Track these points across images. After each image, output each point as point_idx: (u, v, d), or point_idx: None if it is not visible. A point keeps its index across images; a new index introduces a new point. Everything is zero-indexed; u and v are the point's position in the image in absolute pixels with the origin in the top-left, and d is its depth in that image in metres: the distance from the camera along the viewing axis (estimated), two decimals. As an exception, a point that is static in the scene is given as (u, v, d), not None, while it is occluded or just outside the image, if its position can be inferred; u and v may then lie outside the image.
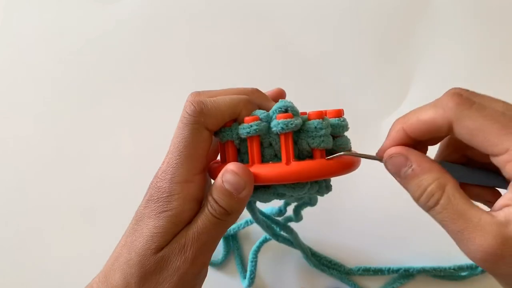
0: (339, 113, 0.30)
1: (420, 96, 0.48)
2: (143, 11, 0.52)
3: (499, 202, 0.23)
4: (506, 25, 0.51)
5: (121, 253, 0.27)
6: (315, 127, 0.28)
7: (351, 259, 0.42)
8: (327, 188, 0.31)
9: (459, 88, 0.25)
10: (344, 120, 0.30)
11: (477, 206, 0.23)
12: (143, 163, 0.47)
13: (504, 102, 0.24)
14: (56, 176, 0.47)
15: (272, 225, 0.39)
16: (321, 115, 0.29)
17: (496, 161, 0.22)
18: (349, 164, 0.29)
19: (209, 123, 0.28)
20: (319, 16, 0.51)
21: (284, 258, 0.43)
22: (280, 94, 0.35)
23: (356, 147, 0.43)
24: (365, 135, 0.40)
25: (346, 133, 0.31)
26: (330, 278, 0.42)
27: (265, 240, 0.41)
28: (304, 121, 0.29)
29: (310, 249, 0.42)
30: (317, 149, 0.28)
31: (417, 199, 0.25)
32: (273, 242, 0.41)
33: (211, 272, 0.42)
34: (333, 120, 0.29)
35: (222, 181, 0.27)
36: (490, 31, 0.50)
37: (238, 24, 0.51)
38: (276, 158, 0.29)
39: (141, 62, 0.50)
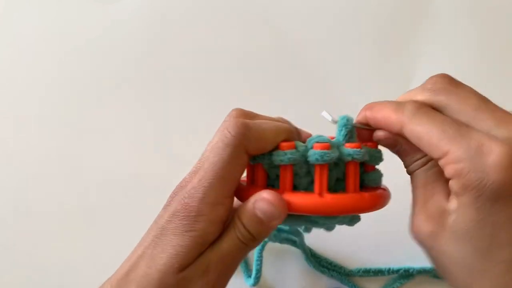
0: (375, 145, 0.30)
1: (420, 96, 0.48)
2: (143, 11, 0.52)
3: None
4: (506, 25, 0.51)
5: (138, 264, 0.26)
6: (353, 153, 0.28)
7: (351, 260, 0.42)
8: (358, 218, 0.31)
9: (436, 80, 0.26)
10: (380, 151, 0.30)
11: (444, 190, 0.26)
12: (143, 164, 0.47)
13: (474, 105, 0.25)
14: (56, 176, 0.47)
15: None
16: (359, 145, 0.28)
17: (439, 163, 0.24)
18: (382, 199, 0.29)
19: (251, 148, 0.27)
20: (319, 16, 0.51)
21: (284, 258, 0.43)
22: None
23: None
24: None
25: None
26: (331, 279, 0.42)
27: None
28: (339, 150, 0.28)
29: (310, 250, 0.42)
30: (351, 179, 0.28)
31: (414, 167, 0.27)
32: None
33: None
34: (371, 150, 0.29)
35: (254, 207, 0.27)
36: (490, 31, 0.50)
37: (239, 24, 0.51)
38: (308, 186, 0.28)
39: (141, 63, 0.50)
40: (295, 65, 0.50)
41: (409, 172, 0.28)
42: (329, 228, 0.33)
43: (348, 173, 0.28)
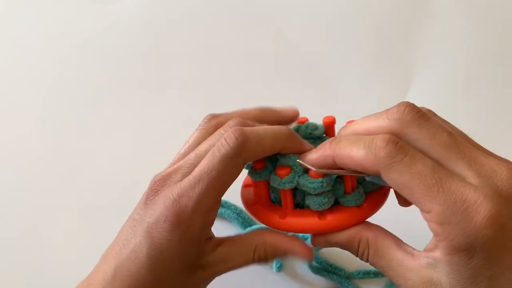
0: None
1: (420, 96, 0.48)
2: (143, 11, 0.52)
3: (427, 247, 0.25)
4: (506, 25, 0.51)
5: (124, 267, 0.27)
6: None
7: (351, 262, 0.42)
8: None
9: (404, 112, 0.25)
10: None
11: (402, 249, 0.26)
12: (143, 163, 0.47)
13: (444, 142, 0.24)
14: (55, 176, 0.47)
15: None
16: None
17: (423, 215, 0.24)
18: (380, 203, 0.29)
19: (248, 158, 0.27)
20: (319, 16, 0.51)
21: (284, 258, 0.43)
22: (295, 117, 0.34)
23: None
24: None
25: None
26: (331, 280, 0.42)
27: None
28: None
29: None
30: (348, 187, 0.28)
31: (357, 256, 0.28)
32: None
33: None
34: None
35: (285, 254, 0.29)
36: (490, 31, 0.50)
37: (238, 24, 0.51)
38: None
39: (140, 62, 0.50)
40: (295, 66, 0.50)
41: None
42: None
43: (345, 185, 0.28)
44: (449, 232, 0.22)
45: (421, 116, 0.24)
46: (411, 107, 0.24)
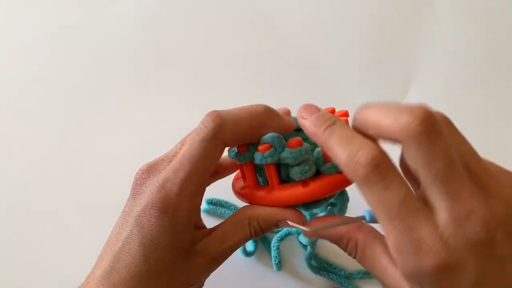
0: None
1: (420, 96, 0.48)
2: (143, 11, 0.52)
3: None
4: (506, 25, 0.51)
5: (120, 259, 0.27)
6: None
7: (351, 261, 0.42)
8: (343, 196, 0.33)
9: (419, 122, 0.22)
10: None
11: (388, 256, 0.26)
12: (144, 163, 0.47)
13: (440, 169, 0.22)
14: (56, 175, 0.47)
15: None
16: (299, 142, 0.29)
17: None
18: (331, 188, 0.29)
19: (228, 139, 0.28)
20: (319, 16, 0.51)
21: (284, 259, 0.42)
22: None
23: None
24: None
25: None
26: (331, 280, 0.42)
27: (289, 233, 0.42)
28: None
29: (311, 253, 0.42)
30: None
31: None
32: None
33: (245, 260, 0.42)
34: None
35: (278, 222, 0.29)
36: (490, 31, 0.50)
37: (239, 25, 0.51)
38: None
39: (141, 63, 0.50)
40: (295, 65, 0.50)
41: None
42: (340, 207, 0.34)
43: (325, 154, 0.29)
44: (400, 261, 0.23)
45: (429, 134, 0.22)
46: (425, 119, 0.22)
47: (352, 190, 0.30)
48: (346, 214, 0.34)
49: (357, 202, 0.31)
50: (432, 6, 0.51)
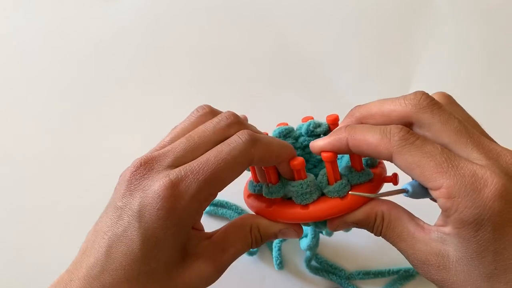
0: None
1: (420, 96, 0.48)
2: (143, 11, 0.52)
3: (436, 223, 0.26)
4: (505, 25, 0.51)
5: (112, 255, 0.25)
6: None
7: (351, 262, 0.42)
8: None
9: (420, 99, 0.26)
10: (367, 165, 0.31)
11: (414, 222, 0.27)
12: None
13: (455, 128, 0.25)
14: (56, 175, 0.47)
15: None
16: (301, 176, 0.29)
17: (432, 193, 0.25)
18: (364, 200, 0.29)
19: (256, 159, 0.27)
20: (319, 16, 0.51)
21: (284, 258, 0.43)
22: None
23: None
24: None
25: None
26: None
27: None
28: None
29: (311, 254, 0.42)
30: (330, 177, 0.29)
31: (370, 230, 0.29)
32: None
33: (248, 259, 0.42)
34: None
35: (279, 233, 0.30)
36: (490, 31, 0.50)
37: (239, 24, 0.51)
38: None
39: (142, 62, 0.50)
40: (295, 65, 0.50)
41: None
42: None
43: (328, 176, 0.29)
44: (458, 205, 0.23)
45: (435, 103, 0.26)
46: (427, 95, 0.26)
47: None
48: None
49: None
50: (432, 6, 0.51)
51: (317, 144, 0.28)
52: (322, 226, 0.31)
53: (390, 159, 0.26)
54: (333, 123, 0.31)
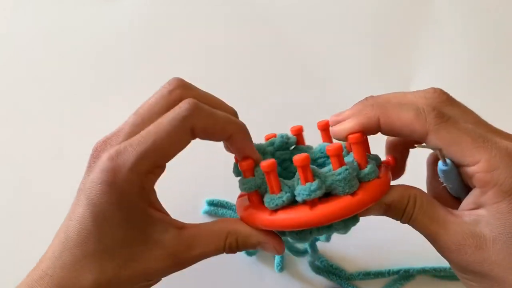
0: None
1: (420, 96, 0.48)
2: (142, 11, 0.52)
3: (464, 205, 0.27)
4: (505, 25, 0.51)
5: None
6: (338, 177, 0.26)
7: (351, 262, 0.42)
8: (357, 219, 0.29)
9: (439, 93, 0.27)
10: (372, 160, 0.28)
11: (444, 207, 0.27)
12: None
13: (474, 118, 0.27)
14: (56, 175, 0.47)
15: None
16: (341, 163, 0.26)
17: (467, 170, 0.25)
18: (376, 193, 0.27)
19: (198, 130, 0.26)
20: (319, 16, 0.51)
21: (286, 259, 0.43)
22: None
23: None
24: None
25: None
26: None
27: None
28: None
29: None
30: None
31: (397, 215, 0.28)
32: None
33: (248, 259, 0.42)
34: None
35: (257, 244, 0.28)
36: (490, 31, 0.50)
37: (239, 25, 0.51)
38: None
39: (142, 62, 0.50)
40: (295, 65, 0.50)
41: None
42: (343, 231, 0.30)
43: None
44: (498, 177, 0.24)
45: (453, 98, 0.28)
46: (443, 91, 0.28)
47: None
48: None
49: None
50: (432, 6, 0.51)
51: (342, 127, 0.27)
52: (325, 230, 0.28)
53: (424, 137, 0.26)
54: (298, 133, 0.31)
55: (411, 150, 0.32)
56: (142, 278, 0.27)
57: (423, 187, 0.30)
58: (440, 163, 0.26)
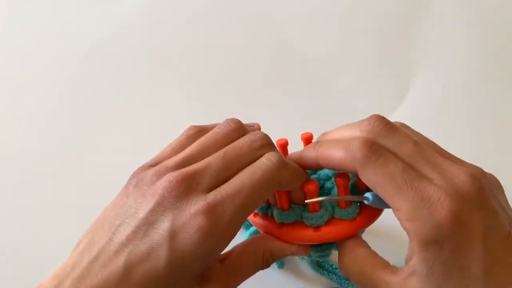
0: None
1: (419, 96, 0.48)
2: (144, 11, 0.52)
3: (406, 259, 0.26)
4: (505, 25, 0.51)
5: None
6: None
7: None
8: None
9: (376, 124, 0.27)
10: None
11: (386, 268, 0.27)
12: (143, 163, 0.47)
13: (411, 149, 0.26)
14: (56, 175, 0.47)
15: None
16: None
17: (394, 214, 0.25)
18: (373, 217, 0.30)
19: (283, 181, 0.27)
20: (319, 16, 0.52)
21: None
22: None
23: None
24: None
25: None
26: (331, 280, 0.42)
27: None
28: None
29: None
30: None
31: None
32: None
33: None
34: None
35: (290, 254, 0.30)
36: (490, 31, 0.51)
37: (239, 26, 0.51)
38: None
39: (142, 63, 0.50)
40: (295, 66, 0.50)
41: None
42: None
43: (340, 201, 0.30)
44: (417, 227, 0.24)
45: (389, 128, 0.27)
46: (381, 120, 0.27)
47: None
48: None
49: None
50: (432, 6, 0.51)
51: (291, 157, 0.30)
52: (328, 247, 0.32)
53: (357, 174, 0.26)
54: (284, 147, 0.33)
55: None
56: None
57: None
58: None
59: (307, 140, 0.32)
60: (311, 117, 0.47)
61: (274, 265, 0.41)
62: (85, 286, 0.23)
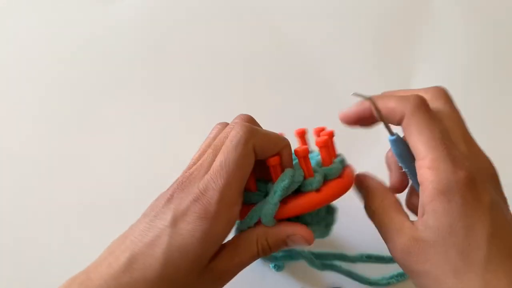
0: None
1: (419, 96, 0.48)
2: (144, 11, 0.52)
3: (419, 208, 0.28)
4: (505, 25, 0.51)
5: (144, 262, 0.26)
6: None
7: (353, 251, 0.42)
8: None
9: (438, 89, 0.31)
10: (337, 162, 0.32)
11: (403, 215, 0.29)
12: (144, 164, 0.47)
13: (456, 120, 0.29)
14: (56, 175, 0.46)
15: None
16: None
17: (416, 163, 0.28)
18: (339, 189, 0.31)
19: (258, 148, 0.28)
20: (319, 16, 0.52)
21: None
22: None
23: (355, 147, 0.43)
24: (365, 135, 0.40)
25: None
26: (331, 278, 0.42)
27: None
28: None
29: (312, 253, 0.41)
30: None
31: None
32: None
33: None
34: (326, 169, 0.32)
35: (288, 239, 0.30)
36: (489, 31, 0.51)
37: (239, 25, 0.52)
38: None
39: (141, 63, 0.50)
40: (295, 65, 0.50)
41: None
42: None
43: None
44: (436, 175, 0.26)
45: (449, 96, 0.31)
46: (444, 89, 0.31)
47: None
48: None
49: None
50: (432, 6, 0.51)
51: (345, 112, 0.32)
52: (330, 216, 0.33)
53: (400, 120, 0.28)
54: (301, 136, 0.35)
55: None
56: None
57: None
58: (389, 135, 0.30)
59: (300, 135, 0.34)
60: (311, 117, 0.47)
61: (272, 268, 0.41)
62: (95, 276, 0.27)
